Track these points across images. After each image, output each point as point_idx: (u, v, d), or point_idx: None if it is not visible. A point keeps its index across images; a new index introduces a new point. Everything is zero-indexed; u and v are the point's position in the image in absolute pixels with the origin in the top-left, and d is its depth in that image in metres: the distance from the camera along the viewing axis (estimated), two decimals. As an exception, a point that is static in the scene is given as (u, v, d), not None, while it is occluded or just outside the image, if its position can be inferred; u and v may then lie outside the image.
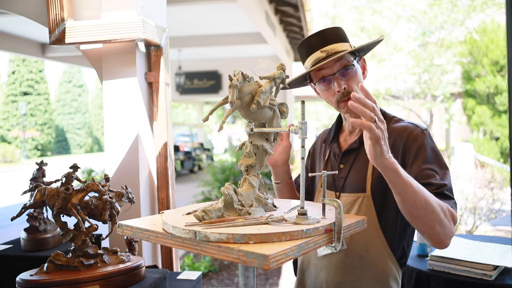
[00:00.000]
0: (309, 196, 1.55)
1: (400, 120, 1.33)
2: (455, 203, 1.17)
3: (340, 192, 1.34)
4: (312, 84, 1.38)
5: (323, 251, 1.32)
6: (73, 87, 32.74)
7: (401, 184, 1.04)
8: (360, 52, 1.33)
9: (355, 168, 1.34)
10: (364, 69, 1.37)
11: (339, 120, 1.49)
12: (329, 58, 1.25)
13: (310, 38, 1.31)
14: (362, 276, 1.28)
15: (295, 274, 1.54)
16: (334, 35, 1.30)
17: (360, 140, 1.30)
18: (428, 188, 1.11)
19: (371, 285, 1.27)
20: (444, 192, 1.15)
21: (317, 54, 1.28)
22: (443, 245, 1.12)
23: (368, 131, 0.95)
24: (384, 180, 1.10)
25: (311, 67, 1.29)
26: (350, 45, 1.31)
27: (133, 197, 1.43)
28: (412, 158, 1.21)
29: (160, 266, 2.11)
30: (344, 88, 1.27)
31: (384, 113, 1.34)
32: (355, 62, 1.29)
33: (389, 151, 1.02)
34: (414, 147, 1.22)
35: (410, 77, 11.79)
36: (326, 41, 1.28)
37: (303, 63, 1.37)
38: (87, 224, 1.32)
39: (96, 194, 1.34)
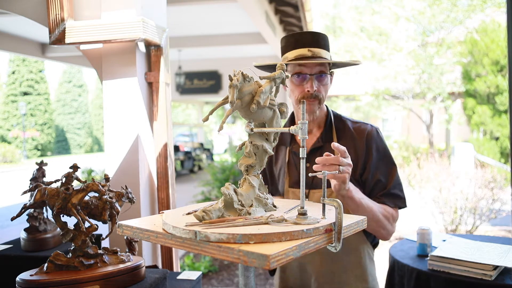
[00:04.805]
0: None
1: (354, 121, 1.51)
2: (402, 199, 1.43)
3: (309, 189, 1.44)
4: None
5: None
6: (73, 87, 32.72)
7: (354, 206, 1.27)
8: (333, 66, 1.45)
9: None
10: (331, 81, 1.49)
11: (292, 121, 1.57)
12: (314, 59, 1.34)
13: (302, 34, 1.39)
14: (346, 261, 1.45)
15: (271, 274, 1.66)
16: (323, 41, 1.39)
17: (323, 138, 1.47)
18: (378, 189, 1.41)
19: (353, 268, 1.45)
20: (390, 192, 1.42)
21: (304, 51, 1.36)
22: (386, 240, 1.45)
23: (343, 181, 1.16)
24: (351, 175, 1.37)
25: (295, 60, 1.36)
26: (330, 56, 1.43)
27: (133, 197, 1.43)
28: (370, 156, 1.43)
29: (160, 266, 2.11)
30: (315, 91, 1.38)
31: (340, 117, 1.52)
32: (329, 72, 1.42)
33: (349, 182, 1.21)
34: (371, 146, 1.44)
35: (410, 77, 11.77)
36: (315, 43, 1.36)
37: (283, 53, 1.43)
38: (87, 224, 1.32)
39: (96, 194, 1.34)
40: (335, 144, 1.15)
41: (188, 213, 0.96)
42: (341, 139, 1.46)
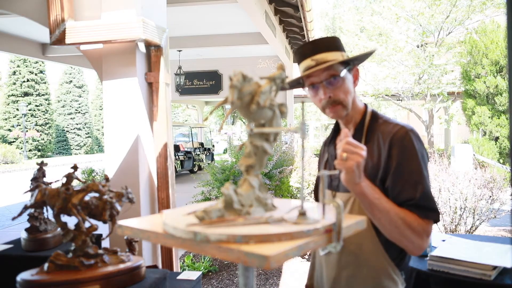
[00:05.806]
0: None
1: (387, 122, 1.37)
2: (434, 211, 1.24)
3: (335, 191, 1.39)
4: (304, 88, 1.45)
5: (324, 249, 1.35)
6: (73, 87, 32.76)
7: (367, 205, 1.19)
8: (354, 61, 1.38)
9: None
10: (356, 78, 1.42)
11: (337, 123, 1.52)
12: (317, 66, 1.31)
13: (304, 46, 1.37)
14: (356, 272, 1.34)
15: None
16: (327, 44, 1.35)
17: None
18: (403, 199, 1.23)
19: (364, 282, 1.32)
20: (418, 204, 1.22)
21: (308, 62, 1.34)
22: (414, 254, 1.26)
23: (347, 170, 1.09)
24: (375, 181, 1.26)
25: (302, 73, 1.35)
26: (342, 55, 1.36)
27: (133, 197, 1.43)
28: (392, 162, 1.27)
29: (160, 266, 2.11)
30: (330, 97, 1.33)
31: (376, 117, 1.40)
32: (343, 72, 1.34)
33: (361, 177, 1.13)
34: (395, 150, 1.28)
35: (410, 77, 11.79)
36: (317, 50, 1.34)
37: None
38: (87, 224, 1.32)
39: (97, 194, 1.35)
40: (344, 130, 1.12)
41: (188, 214, 0.97)
42: (369, 142, 1.35)
